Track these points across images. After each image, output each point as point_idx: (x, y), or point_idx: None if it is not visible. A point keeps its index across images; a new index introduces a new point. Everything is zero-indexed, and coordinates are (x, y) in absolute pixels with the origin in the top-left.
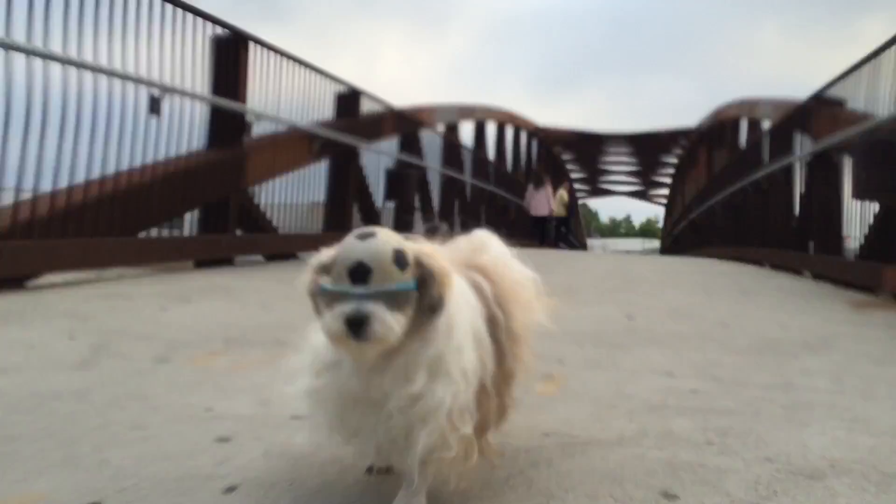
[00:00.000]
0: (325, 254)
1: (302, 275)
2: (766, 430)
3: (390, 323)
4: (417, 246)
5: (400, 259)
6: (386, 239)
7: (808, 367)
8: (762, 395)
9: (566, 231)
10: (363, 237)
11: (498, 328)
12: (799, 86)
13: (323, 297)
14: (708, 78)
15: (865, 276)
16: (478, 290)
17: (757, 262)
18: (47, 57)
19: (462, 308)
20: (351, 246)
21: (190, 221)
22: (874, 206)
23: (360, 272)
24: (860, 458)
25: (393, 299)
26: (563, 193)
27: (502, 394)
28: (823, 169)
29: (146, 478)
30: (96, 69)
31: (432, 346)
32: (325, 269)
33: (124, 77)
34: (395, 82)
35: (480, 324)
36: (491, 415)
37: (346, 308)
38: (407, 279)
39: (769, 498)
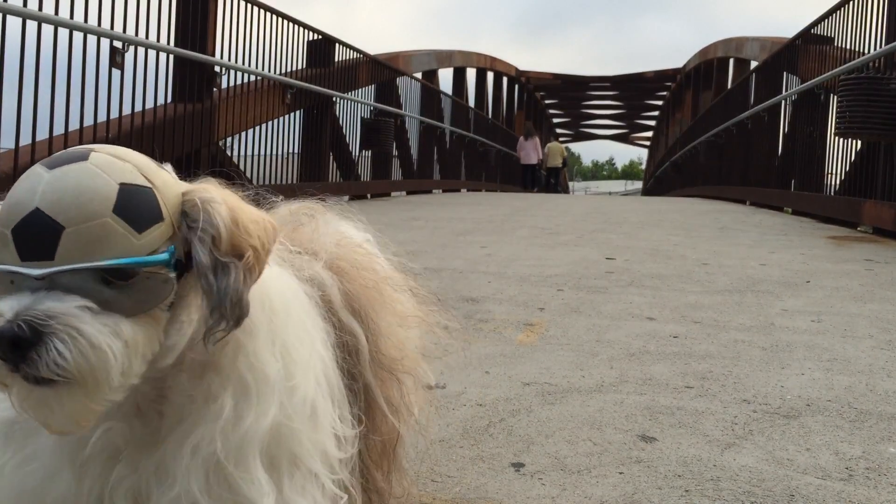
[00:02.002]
0: None
1: None
2: (744, 372)
3: (96, 339)
4: (190, 184)
5: (135, 204)
6: (105, 165)
7: (788, 307)
8: (742, 338)
9: (555, 179)
10: (54, 164)
11: (357, 356)
12: (792, 22)
13: None
14: (699, 17)
15: (846, 211)
16: (318, 286)
17: (739, 200)
18: (5, 11)
19: (296, 316)
20: (29, 182)
21: None
22: (856, 143)
23: (33, 235)
24: (836, 397)
25: (118, 289)
26: (561, 147)
27: (376, 478)
28: (808, 107)
29: None
30: (56, 22)
31: (257, 406)
32: None
33: (85, 30)
34: (371, 29)
35: (326, 352)
36: None
37: (2, 308)
38: (152, 243)
39: (745, 437)
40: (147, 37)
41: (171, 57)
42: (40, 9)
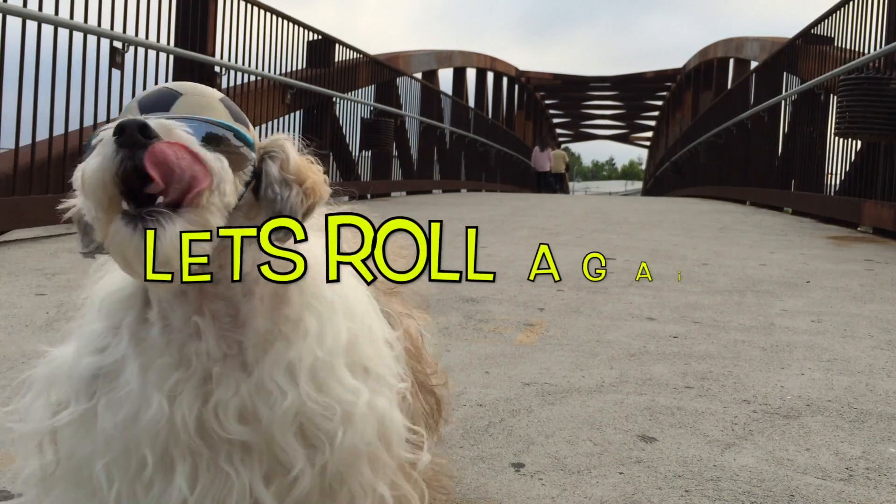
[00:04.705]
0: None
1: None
2: (744, 372)
3: (209, 153)
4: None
5: (234, 107)
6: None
7: (788, 307)
8: (742, 338)
9: (559, 184)
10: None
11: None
12: (793, 22)
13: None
14: (704, 17)
15: (846, 211)
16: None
17: (739, 200)
18: (5, 11)
19: (363, 299)
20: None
21: None
22: (856, 143)
23: (155, 100)
24: (836, 397)
25: (214, 145)
26: (564, 154)
27: (429, 384)
28: (808, 107)
29: None
30: (56, 22)
31: (332, 325)
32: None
33: (85, 30)
34: (374, 30)
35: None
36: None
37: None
38: (242, 129)
39: (745, 437)
40: (147, 37)
41: (171, 57)
42: (40, 9)
